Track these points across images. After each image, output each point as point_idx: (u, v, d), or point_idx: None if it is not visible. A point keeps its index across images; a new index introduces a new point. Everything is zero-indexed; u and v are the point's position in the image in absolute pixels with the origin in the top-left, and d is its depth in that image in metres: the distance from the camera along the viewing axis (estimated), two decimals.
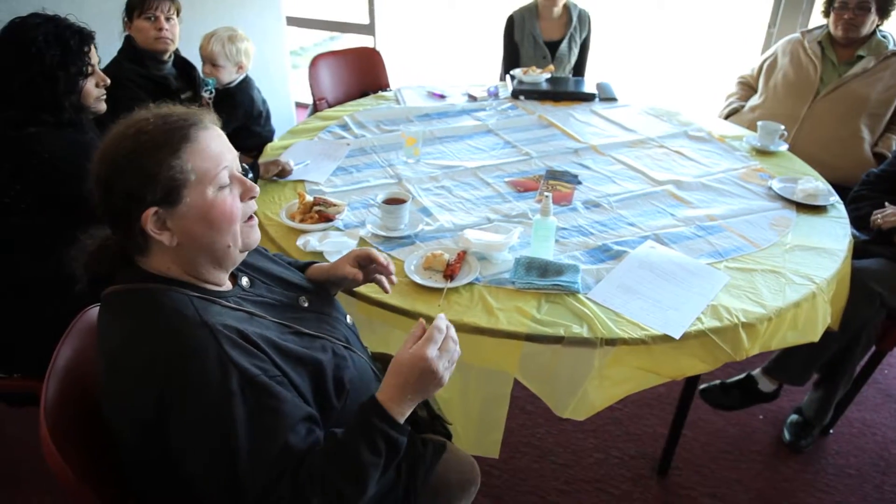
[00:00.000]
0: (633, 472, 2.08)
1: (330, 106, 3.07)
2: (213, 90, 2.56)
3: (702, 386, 2.30)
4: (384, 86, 3.44)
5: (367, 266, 1.32)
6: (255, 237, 1.09)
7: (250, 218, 1.08)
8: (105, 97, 1.86)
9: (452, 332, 1.07)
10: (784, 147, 2.39)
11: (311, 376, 1.05)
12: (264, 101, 2.76)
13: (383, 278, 1.33)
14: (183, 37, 2.43)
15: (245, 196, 1.04)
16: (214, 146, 0.99)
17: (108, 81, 1.84)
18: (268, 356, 0.98)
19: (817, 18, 2.95)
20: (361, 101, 2.91)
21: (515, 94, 2.91)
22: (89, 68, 1.76)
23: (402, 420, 1.01)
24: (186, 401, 0.90)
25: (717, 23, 6.96)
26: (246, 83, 2.66)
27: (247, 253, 1.09)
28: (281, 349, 1.02)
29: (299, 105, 4.79)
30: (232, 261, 1.06)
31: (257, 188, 1.06)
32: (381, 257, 1.30)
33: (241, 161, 1.14)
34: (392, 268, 1.31)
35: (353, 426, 1.00)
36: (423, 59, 6.78)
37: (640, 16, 7.29)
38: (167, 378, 0.90)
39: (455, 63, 6.75)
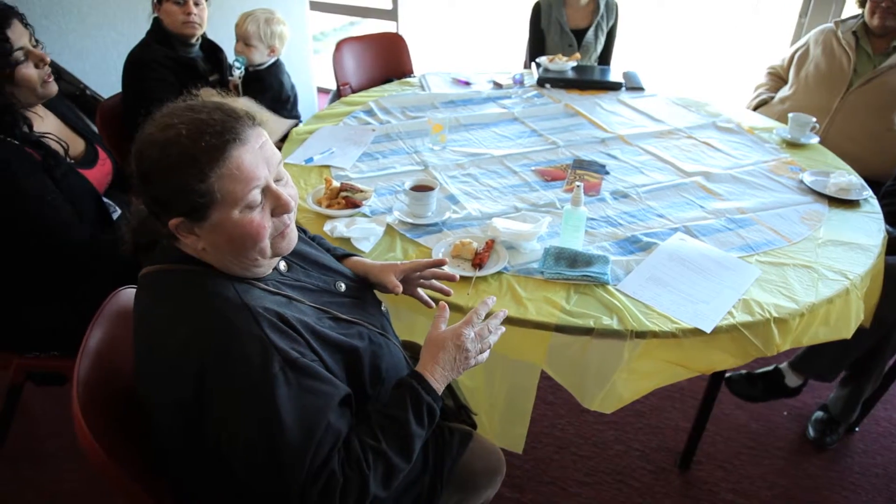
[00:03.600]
0: (654, 465, 2.07)
1: (354, 91, 3.06)
2: (244, 68, 2.57)
3: (727, 374, 2.28)
4: (408, 72, 3.43)
5: (411, 277, 1.30)
6: (288, 245, 1.04)
7: (286, 227, 1.02)
8: (52, 77, 1.68)
9: (494, 323, 1.15)
10: (815, 140, 2.35)
11: (347, 363, 1.05)
12: (293, 87, 2.77)
13: (423, 293, 1.33)
14: (209, 20, 2.43)
15: (277, 212, 0.98)
16: (248, 164, 0.92)
17: (48, 59, 1.65)
18: (306, 341, 0.98)
19: (851, 8, 2.89)
20: (386, 86, 2.89)
21: (541, 82, 2.88)
22: (20, 54, 1.55)
23: (440, 390, 1.08)
24: (228, 384, 0.90)
25: (746, 12, 6.85)
26: (276, 67, 2.67)
27: (280, 258, 1.07)
28: (319, 335, 1.02)
29: (321, 90, 4.78)
30: (263, 268, 1.04)
31: (292, 204, 1.00)
32: (433, 264, 1.29)
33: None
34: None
35: (400, 400, 1.03)
36: (447, 46, 6.74)
37: (668, 4, 7.19)
38: (208, 359, 0.90)
39: (479, 50, 6.70)
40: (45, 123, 1.76)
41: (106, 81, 3.02)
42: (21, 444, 2.06)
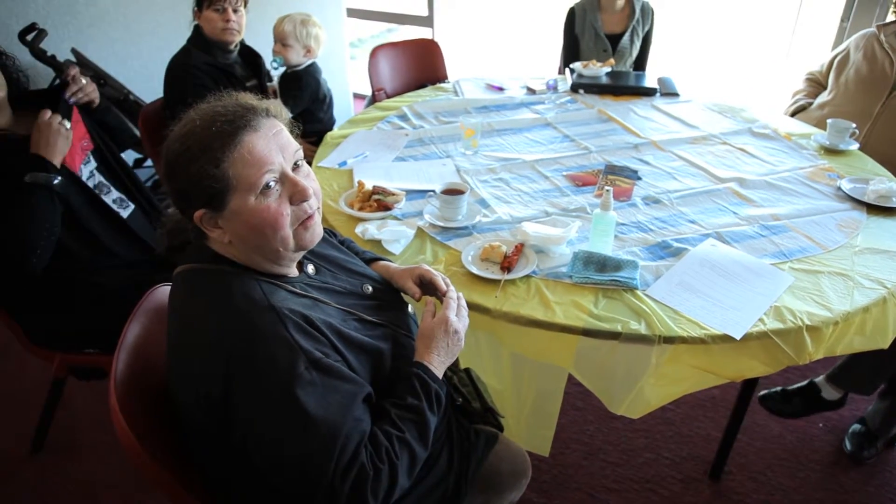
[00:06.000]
0: (684, 474, 2.05)
1: (388, 97, 3.10)
2: (280, 67, 2.69)
3: (761, 392, 2.25)
4: (442, 77, 3.46)
5: (428, 286, 1.30)
6: (311, 238, 1.05)
7: (308, 218, 1.03)
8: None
9: (463, 301, 1.24)
10: (855, 146, 2.30)
11: (371, 364, 1.07)
12: (329, 88, 2.84)
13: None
14: (247, 26, 2.49)
15: (295, 199, 1.00)
16: (260, 149, 0.95)
17: None
18: (330, 341, 1.00)
19: None
20: (420, 92, 2.92)
21: (575, 88, 2.88)
22: None
23: (440, 377, 1.13)
24: (254, 384, 0.92)
25: (785, 17, 6.72)
26: (313, 67, 2.77)
27: (304, 251, 1.09)
28: (343, 336, 1.04)
29: (357, 96, 4.84)
30: (287, 260, 1.06)
31: (309, 191, 1.01)
32: (442, 285, 1.27)
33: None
34: (453, 293, 1.26)
35: (412, 390, 1.07)
36: (481, 52, 6.75)
37: (705, 9, 7.09)
38: (234, 361, 0.92)
39: (513, 56, 6.70)
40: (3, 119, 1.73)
41: (148, 87, 3.12)
42: (63, 436, 2.13)
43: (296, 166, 1.03)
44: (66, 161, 1.74)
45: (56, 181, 1.65)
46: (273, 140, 0.98)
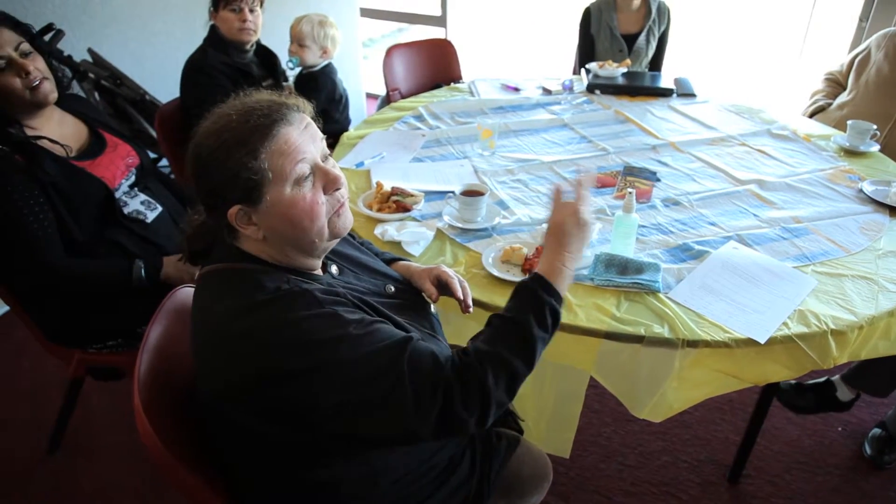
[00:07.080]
0: (702, 477, 2.03)
1: (403, 97, 3.09)
2: (296, 67, 2.71)
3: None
4: (457, 78, 3.45)
5: (445, 287, 1.29)
6: (345, 225, 1.07)
7: (340, 206, 1.05)
8: (38, 83, 1.59)
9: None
10: (875, 148, 2.28)
11: None
12: (345, 89, 2.84)
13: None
14: (263, 26, 2.49)
15: (329, 188, 1.01)
16: (293, 140, 0.96)
17: (33, 69, 1.57)
18: (365, 312, 1.02)
19: None
20: (435, 92, 2.92)
21: (591, 89, 2.87)
22: (1, 63, 1.52)
23: (563, 293, 1.10)
24: (311, 364, 0.92)
25: (798, 17, 6.68)
26: (329, 68, 2.77)
27: (337, 240, 1.09)
28: (377, 310, 1.06)
29: (369, 96, 4.84)
30: (321, 250, 1.07)
31: (342, 178, 1.03)
32: (458, 290, 1.27)
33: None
34: (470, 301, 1.27)
35: (521, 303, 1.06)
36: (496, 52, 6.74)
37: (721, 9, 7.05)
38: (277, 350, 0.91)
39: (528, 56, 6.69)
40: (51, 123, 1.72)
41: (164, 87, 3.13)
42: (78, 436, 2.13)
43: (325, 158, 1.04)
44: (106, 178, 1.75)
45: (140, 274, 1.71)
46: (305, 132, 1.00)
